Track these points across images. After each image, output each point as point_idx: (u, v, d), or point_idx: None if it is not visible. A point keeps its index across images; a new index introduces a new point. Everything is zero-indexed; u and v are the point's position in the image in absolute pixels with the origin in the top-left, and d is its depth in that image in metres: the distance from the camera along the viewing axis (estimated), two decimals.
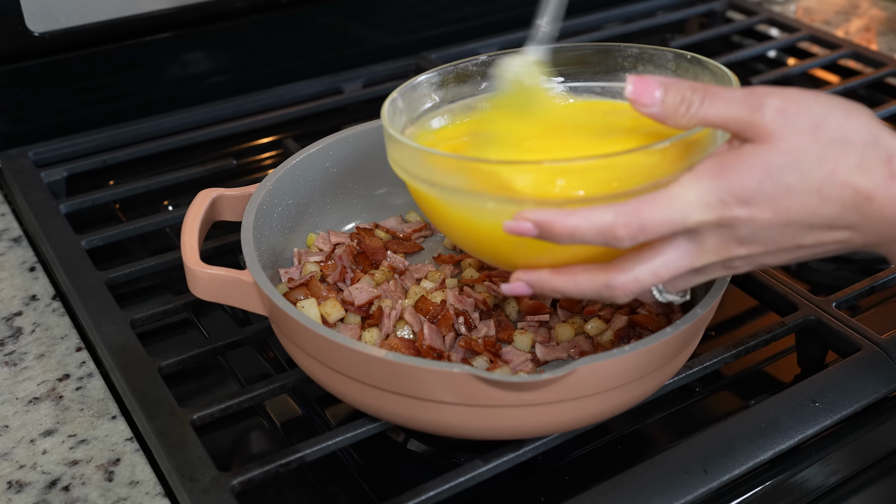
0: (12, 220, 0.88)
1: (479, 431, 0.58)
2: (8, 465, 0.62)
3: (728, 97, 0.51)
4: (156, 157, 0.97)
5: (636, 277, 0.53)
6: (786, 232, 0.52)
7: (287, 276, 0.71)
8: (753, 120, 0.50)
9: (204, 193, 0.70)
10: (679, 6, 1.31)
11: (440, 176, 0.56)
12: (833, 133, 0.50)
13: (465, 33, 1.17)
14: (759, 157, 0.50)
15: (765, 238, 0.52)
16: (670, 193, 0.51)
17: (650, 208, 0.50)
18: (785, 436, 0.62)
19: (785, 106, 0.50)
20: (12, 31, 0.91)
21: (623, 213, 0.50)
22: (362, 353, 0.56)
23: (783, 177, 0.50)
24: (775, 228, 0.51)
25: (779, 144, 0.50)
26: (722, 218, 0.51)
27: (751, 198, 0.50)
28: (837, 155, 0.50)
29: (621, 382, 0.58)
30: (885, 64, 1.12)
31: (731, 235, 0.52)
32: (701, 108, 0.52)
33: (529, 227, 0.51)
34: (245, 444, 0.69)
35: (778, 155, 0.50)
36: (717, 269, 0.55)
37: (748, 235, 0.52)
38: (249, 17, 1.04)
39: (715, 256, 0.53)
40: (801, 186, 0.50)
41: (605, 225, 0.50)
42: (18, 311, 0.76)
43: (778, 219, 0.51)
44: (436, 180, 0.56)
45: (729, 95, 0.51)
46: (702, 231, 0.52)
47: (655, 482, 0.59)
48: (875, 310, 0.80)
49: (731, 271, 0.55)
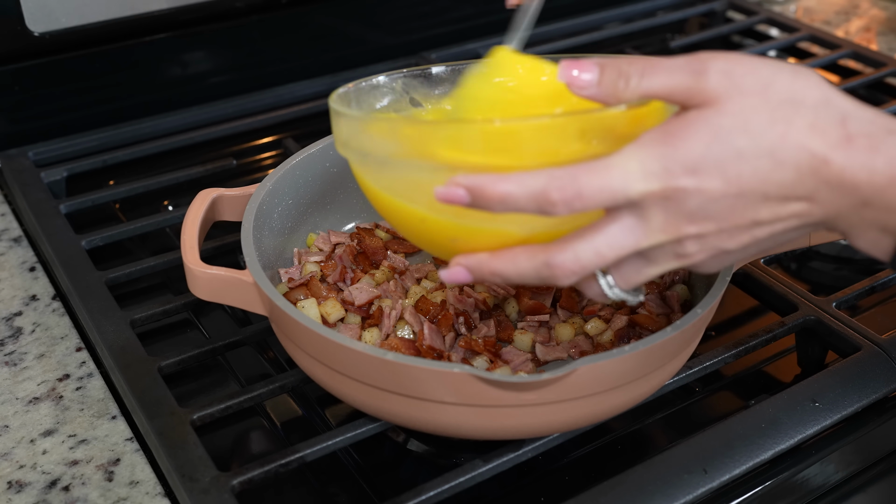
0: (12, 220, 0.88)
1: (479, 431, 0.58)
2: (8, 465, 0.62)
3: (669, 66, 0.48)
4: (156, 157, 0.97)
5: (577, 255, 0.49)
6: (738, 204, 0.48)
7: (287, 276, 0.71)
8: (698, 85, 0.48)
9: (204, 193, 0.70)
10: (679, 6, 1.31)
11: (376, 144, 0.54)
12: (783, 94, 0.47)
13: (465, 33, 1.17)
14: (706, 120, 0.47)
15: (716, 212, 0.48)
16: (610, 160, 0.48)
17: (587, 174, 0.47)
18: (785, 436, 0.62)
19: (730, 68, 0.48)
20: (12, 31, 0.91)
21: (558, 176, 0.47)
22: (362, 353, 0.56)
23: (732, 140, 0.47)
24: (727, 199, 0.47)
25: (726, 107, 0.47)
26: (667, 188, 0.47)
27: (698, 165, 0.47)
28: (790, 116, 0.47)
29: (621, 382, 0.58)
30: (885, 64, 1.12)
31: (679, 209, 0.48)
32: (642, 80, 0.49)
33: (461, 193, 0.49)
34: (245, 444, 0.69)
35: (726, 117, 0.47)
36: (668, 257, 0.50)
37: (697, 209, 0.48)
38: (249, 17, 1.04)
39: (663, 235, 0.49)
40: (752, 150, 0.47)
41: (538, 189, 0.47)
42: (18, 311, 0.76)
43: (728, 187, 0.47)
44: (371, 149, 0.54)
45: (670, 64, 0.48)
46: (646, 204, 0.48)
47: (655, 482, 0.59)
48: (875, 310, 0.80)
49: (684, 260, 0.50)
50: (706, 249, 0.50)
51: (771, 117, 0.47)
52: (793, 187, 0.47)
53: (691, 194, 0.47)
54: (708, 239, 0.49)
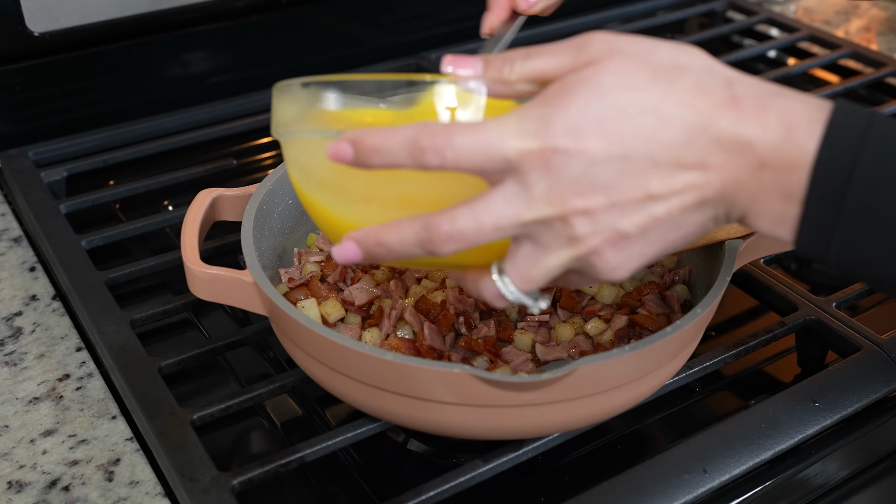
0: (12, 220, 0.88)
1: (479, 431, 0.58)
2: (8, 465, 0.62)
3: (553, 46, 0.48)
4: (156, 157, 0.97)
5: (454, 218, 0.46)
6: (626, 169, 0.45)
7: (287, 276, 0.71)
8: (581, 55, 0.46)
9: (204, 193, 0.70)
10: (679, 6, 1.31)
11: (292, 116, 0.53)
12: (665, 60, 0.46)
13: (465, 33, 1.17)
14: (585, 80, 0.45)
15: (603, 180, 0.45)
16: (487, 121, 0.46)
17: (462, 127, 0.46)
18: (785, 436, 0.62)
19: (611, 38, 0.47)
20: (12, 31, 0.91)
21: (431, 125, 0.46)
22: (362, 353, 0.56)
23: (614, 96, 0.45)
24: (611, 162, 0.45)
25: (607, 65, 0.45)
26: (545, 147, 0.45)
27: (578, 124, 0.44)
28: (672, 77, 0.45)
29: (621, 382, 0.58)
30: (885, 64, 1.12)
31: (562, 176, 0.45)
32: (526, 62, 0.48)
33: (346, 148, 0.47)
34: (245, 444, 0.69)
35: (606, 74, 0.45)
36: (561, 241, 0.47)
37: (581, 174, 0.45)
38: (249, 17, 1.04)
39: (547, 207, 0.46)
40: (634, 106, 0.44)
41: (410, 137, 0.46)
42: (18, 311, 0.76)
43: (612, 147, 0.44)
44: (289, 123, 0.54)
45: (554, 45, 0.48)
46: (526, 168, 0.45)
47: (655, 482, 0.59)
48: (875, 310, 0.80)
49: (579, 246, 0.47)
50: (600, 231, 0.46)
51: (653, 75, 0.45)
52: (682, 150, 0.45)
53: (573, 156, 0.45)
54: (598, 216, 0.46)
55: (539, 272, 0.48)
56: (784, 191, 0.45)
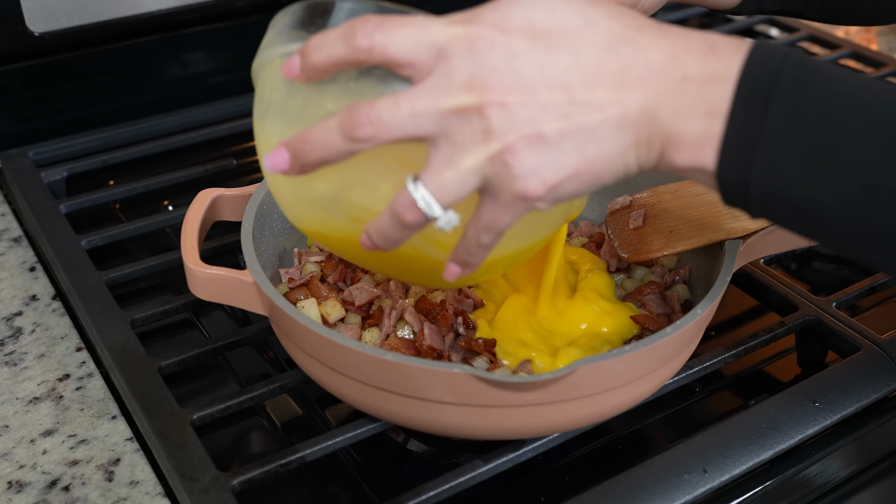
0: (12, 220, 0.88)
1: (479, 431, 0.58)
2: (8, 465, 0.62)
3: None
4: (156, 157, 0.97)
5: (374, 101, 0.46)
6: (548, 67, 0.45)
7: (287, 276, 0.71)
8: None
9: (204, 193, 0.70)
10: (679, 6, 1.31)
11: None
12: None
13: None
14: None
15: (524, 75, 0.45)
16: None
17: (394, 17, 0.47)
18: (785, 436, 0.62)
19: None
20: (12, 31, 0.91)
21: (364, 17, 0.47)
22: (362, 353, 0.56)
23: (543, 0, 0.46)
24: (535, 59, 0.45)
25: None
26: (472, 32, 0.45)
27: (506, 18, 0.46)
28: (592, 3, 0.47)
29: (621, 382, 0.58)
30: (885, 64, 1.12)
31: (485, 64, 0.45)
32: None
33: (295, 60, 0.49)
34: (245, 444, 0.69)
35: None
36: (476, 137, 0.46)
37: (503, 65, 0.45)
38: (249, 17, 1.04)
39: (466, 94, 0.45)
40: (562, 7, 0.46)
41: (346, 26, 0.47)
42: (18, 311, 0.76)
43: (536, 43, 0.45)
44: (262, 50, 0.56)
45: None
46: (452, 54, 0.45)
47: (655, 482, 0.59)
48: (875, 310, 0.80)
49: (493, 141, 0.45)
50: (516, 126, 0.45)
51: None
52: (607, 55, 0.45)
53: (497, 46, 0.45)
54: (516, 110, 0.45)
55: (453, 175, 0.46)
56: (707, 106, 0.45)
